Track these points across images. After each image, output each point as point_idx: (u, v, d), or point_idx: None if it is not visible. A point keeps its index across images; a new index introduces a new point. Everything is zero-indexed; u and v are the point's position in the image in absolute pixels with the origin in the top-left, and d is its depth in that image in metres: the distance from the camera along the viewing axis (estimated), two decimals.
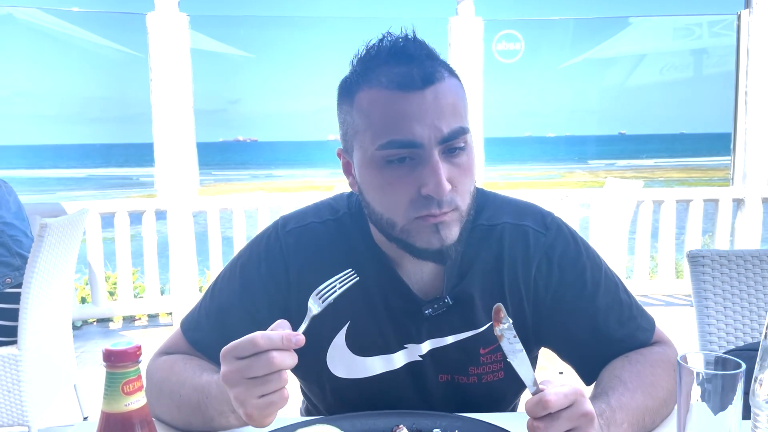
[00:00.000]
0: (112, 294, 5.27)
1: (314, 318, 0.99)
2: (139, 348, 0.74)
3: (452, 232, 1.05)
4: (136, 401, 0.74)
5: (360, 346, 1.18)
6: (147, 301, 5.07)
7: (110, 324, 5.17)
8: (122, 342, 0.74)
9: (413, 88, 1.00)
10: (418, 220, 1.04)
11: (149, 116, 5.01)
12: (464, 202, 1.06)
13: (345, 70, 1.11)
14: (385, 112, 1.01)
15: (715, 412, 0.81)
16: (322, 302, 1.00)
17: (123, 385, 0.73)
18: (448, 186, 1.01)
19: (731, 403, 0.81)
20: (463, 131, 1.03)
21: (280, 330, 0.90)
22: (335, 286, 1.02)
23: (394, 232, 1.07)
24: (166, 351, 1.22)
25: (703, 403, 0.82)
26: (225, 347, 0.90)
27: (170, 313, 5.17)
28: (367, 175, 1.07)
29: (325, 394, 1.24)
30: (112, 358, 0.72)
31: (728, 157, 5.60)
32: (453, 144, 1.02)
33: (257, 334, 0.88)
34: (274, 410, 0.90)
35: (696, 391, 0.82)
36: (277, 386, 0.88)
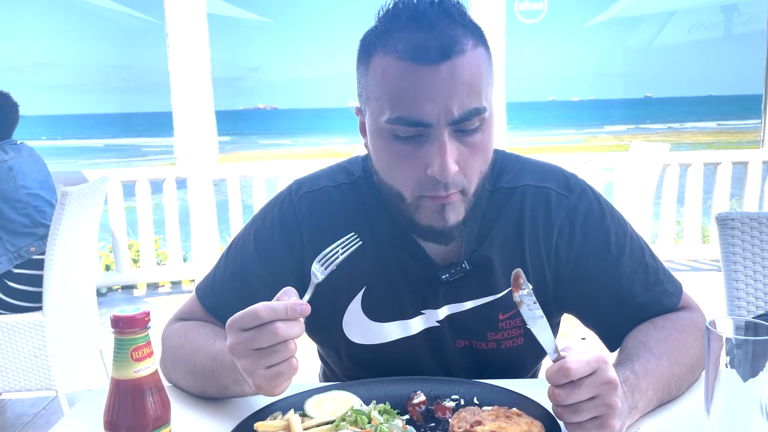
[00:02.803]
0: (135, 261, 5.35)
1: (321, 285, 0.97)
2: (147, 314, 0.72)
3: (457, 214, 1.03)
4: (146, 368, 0.73)
5: (376, 312, 1.17)
6: (170, 268, 5.14)
7: (134, 291, 5.26)
8: (130, 308, 0.72)
9: (428, 61, 0.94)
10: (425, 199, 1.01)
11: (168, 84, 5.00)
12: (471, 183, 1.02)
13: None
14: (396, 85, 0.97)
15: (745, 379, 0.79)
16: (325, 269, 0.97)
17: (132, 351, 0.71)
18: (453, 168, 0.97)
19: (762, 370, 0.78)
20: (477, 112, 0.97)
21: (286, 299, 0.88)
22: (337, 251, 0.99)
23: (402, 205, 1.05)
24: (182, 317, 1.22)
25: (732, 369, 0.80)
26: (229, 319, 0.89)
27: (193, 280, 5.24)
28: (376, 144, 1.04)
29: (342, 359, 1.23)
30: (120, 324, 0.71)
31: (758, 120, 5.44)
32: (465, 126, 0.98)
33: (260, 306, 0.86)
34: (283, 380, 0.88)
35: (725, 357, 0.80)
36: (284, 356, 0.86)
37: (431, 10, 0.96)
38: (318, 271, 0.97)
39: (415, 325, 1.16)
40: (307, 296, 0.93)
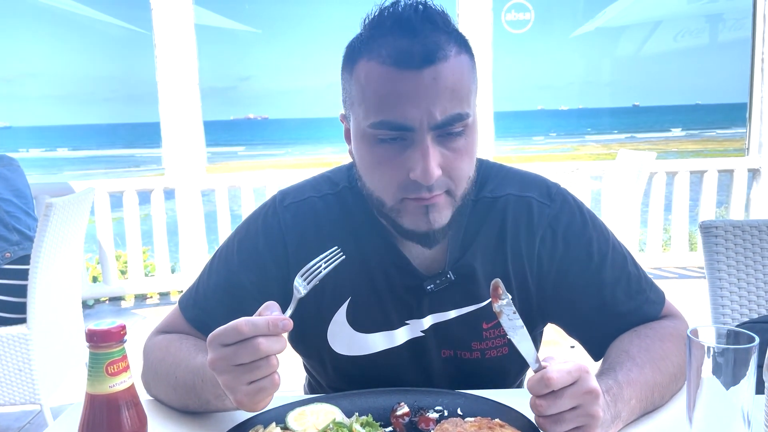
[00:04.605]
0: (123, 273, 5.30)
1: (305, 296, 0.96)
2: (123, 327, 0.71)
3: (442, 216, 1.02)
4: (122, 382, 0.72)
5: (361, 323, 1.16)
6: (158, 280, 5.10)
7: (122, 303, 5.21)
8: (106, 322, 0.71)
9: (411, 66, 0.95)
10: (408, 201, 1.01)
11: (157, 95, 4.98)
12: (458, 187, 1.02)
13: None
14: (379, 89, 0.97)
15: (727, 387, 0.79)
16: (308, 284, 0.96)
17: (107, 365, 0.70)
18: (437, 172, 0.97)
19: (744, 378, 0.78)
20: (460, 117, 0.98)
21: (268, 313, 0.87)
22: (320, 266, 0.99)
23: (384, 209, 1.05)
24: (164, 330, 1.20)
25: (714, 378, 0.79)
26: (210, 334, 0.87)
27: (181, 291, 5.19)
28: (360, 149, 1.04)
29: (327, 370, 1.22)
30: (95, 338, 0.70)
31: (744, 129, 5.49)
32: (448, 130, 0.98)
33: (241, 321, 0.85)
34: (265, 396, 0.87)
35: (707, 365, 0.79)
36: (266, 372, 0.85)
37: (415, 17, 0.97)
38: (300, 286, 0.96)
39: (400, 335, 1.16)
40: (289, 311, 0.92)
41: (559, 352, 0.85)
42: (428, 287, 1.12)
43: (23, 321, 2.57)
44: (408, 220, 1.03)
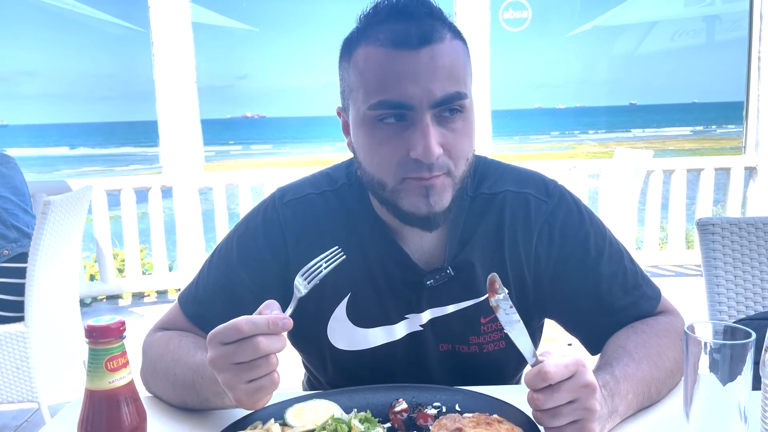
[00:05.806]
0: (121, 271, 5.29)
1: (302, 297, 0.96)
2: (122, 323, 0.71)
3: (442, 198, 1.02)
4: (121, 378, 0.72)
5: (361, 318, 1.16)
6: (155, 278, 5.09)
7: (120, 301, 5.21)
8: (105, 318, 0.71)
9: (408, 46, 0.97)
10: (408, 181, 1.01)
11: (154, 93, 4.98)
12: (458, 168, 1.03)
13: None
14: (378, 71, 0.99)
15: (724, 383, 0.79)
16: (308, 283, 0.97)
17: (106, 361, 0.70)
18: (437, 151, 0.98)
19: (740, 374, 0.78)
20: (459, 96, 0.99)
21: (268, 312, 0.87)
22: (321, 265, 0.99)
23: (384, 194, 1.05)
24: (163, 326, 1.20)
25: (711, 373, 0.79)
26: (210, 332, 0.87)
27: (179, 289, 5.19)
28: (360, 134, 1.05)
29: (326, 366, 1.22)
30: (94, 334, 0.70)
31: (740, 127, 5.50)
32: (447, 108, 0.99)
33: (241, 320, 0.85)
34: (264, 395, 0.87)
35: (704, 361, 0.79)
36: (266, 371, 0.85)
37: (411, 4, 0.99)
38: (301, 285, 0.97)
39: (399, 330, 1.16)
40: (289, 310, 0.93)
41: (556, 349, 0.86)
42: (428, 282, 1.13)
43: (21, 319, 2.57)
44: (408, 201, 1.03)
